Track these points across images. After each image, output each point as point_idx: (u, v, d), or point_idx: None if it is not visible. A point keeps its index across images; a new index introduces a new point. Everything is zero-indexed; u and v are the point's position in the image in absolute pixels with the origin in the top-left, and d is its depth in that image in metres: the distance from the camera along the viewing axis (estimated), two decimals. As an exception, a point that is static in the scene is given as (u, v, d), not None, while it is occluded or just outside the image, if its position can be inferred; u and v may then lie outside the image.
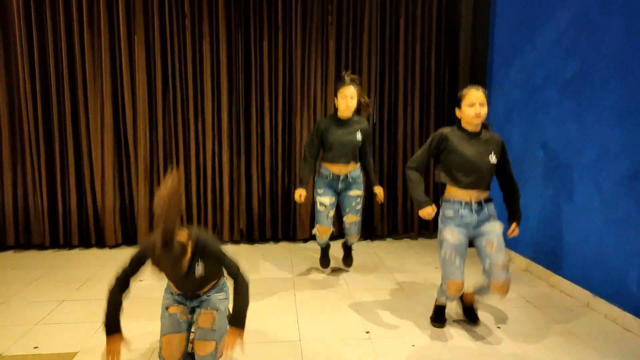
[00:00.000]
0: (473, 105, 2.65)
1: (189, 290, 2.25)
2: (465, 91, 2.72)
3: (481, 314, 3.10)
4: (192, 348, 2.22)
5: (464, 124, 2.77)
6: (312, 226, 4.98)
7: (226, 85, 4.68)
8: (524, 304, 3.33)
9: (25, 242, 4.69)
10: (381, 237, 5.16)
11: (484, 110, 2.67)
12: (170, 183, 1.87)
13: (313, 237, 5.05)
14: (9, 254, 4.58)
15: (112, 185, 4.65)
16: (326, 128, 3.58)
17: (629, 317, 2.91)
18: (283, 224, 5.01)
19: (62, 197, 4.63)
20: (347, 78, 3.50)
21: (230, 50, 4.68)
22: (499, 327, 2.94)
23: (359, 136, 3.57)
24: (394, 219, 5.17)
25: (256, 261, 4.30)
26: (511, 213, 2.87)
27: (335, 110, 3.62)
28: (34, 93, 4.47)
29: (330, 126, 3.57)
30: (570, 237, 3.48)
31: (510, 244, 4.33)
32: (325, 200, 3.65)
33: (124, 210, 4.78)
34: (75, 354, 2.56)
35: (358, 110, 3.66)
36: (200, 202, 4.84)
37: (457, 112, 2.80)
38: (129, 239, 4.83)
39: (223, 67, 4.64)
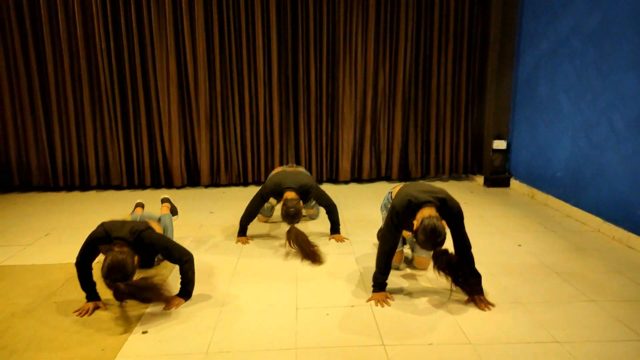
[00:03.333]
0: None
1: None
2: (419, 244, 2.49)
3: (506, 237, 3.65)
4: None
5: None
6: (352, 173, 5.57)
7: (275, 40, 5.16)
8: (542, 229, 3.86)
9: (105, 183, 5.41)
10: (415, 179, 5.70)
11: None
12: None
13: (354, 180, 5.65)
14: (92, 193, 5.32)
15: (178, 132, 5.28)
16: None
17: (632, 237, 3.42)
18: (328, 167, 5.59)
19: (135, 143, 5.30)
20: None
21: (279, 8, 5.13)
22: (519, 246, 3.49)
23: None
24: (427, 162, 5.68)
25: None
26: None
27: None
28: (108, 51, 5.05)
29: None
30: (587, 172, 3.95)
31: (533, 181, 4.82)
32: None
33: (187, 155, 5.43)
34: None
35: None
36: (254, 147, 5.44)
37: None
38: (192, 180, 5.51)
39: (273, 24, 5.11)
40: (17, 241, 3.70)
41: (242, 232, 3.68)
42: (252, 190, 3.87)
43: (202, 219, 4.24)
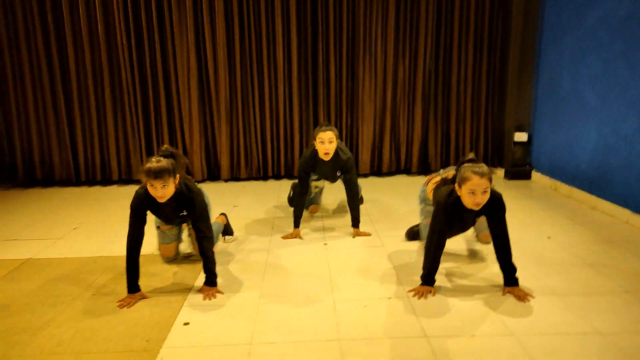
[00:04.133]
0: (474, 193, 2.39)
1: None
2: (467, 174, 2.39)
3: (534, 230, 3.65)
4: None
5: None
6: (372, 166, 5.57)
7: (295, 35, 5.15)
8: (569, 222, 3.85)
9: (126, 177, 5.44)
10: (435, 171, 5.68)
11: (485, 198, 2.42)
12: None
13: (374, 173, 5.66)
14: (114, 187, 5.36)
15: (198, 127, 5.29)
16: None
17: (663, 229, 3.41)
18: (347, 160, 5.59)
19: (156, 138, 5.33)
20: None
21: (299, 2, 5.12)
22: (549, 238, 3.49)
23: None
24: (447, 155, 5.67)
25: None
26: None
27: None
28: (129, 47, 5.07)
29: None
30: (614, 163, 3.94)
31: (555, 174, 4.81)
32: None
33: (207, 149, 5.45)
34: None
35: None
36: (274, 141, 5.45)
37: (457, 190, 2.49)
38: (212, 174, 5.53)
39: (292, 18, 5.10)
40: (48, 235, 3.74)
41: (297, 222, 3.57)
42: (272, 184, 3.90)
43: (227, 213, 4.25)
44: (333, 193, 4.72)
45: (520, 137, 5.34)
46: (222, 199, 4.69)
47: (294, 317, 2.42)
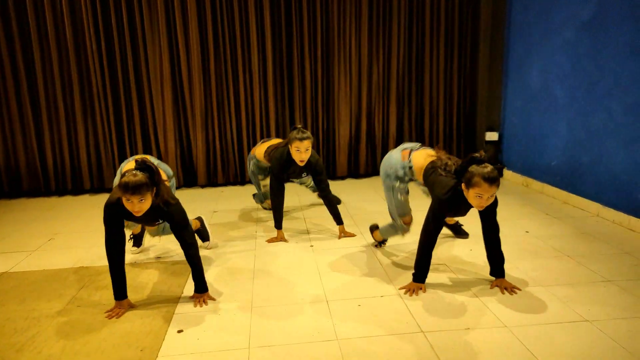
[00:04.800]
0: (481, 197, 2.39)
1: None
2: (477, 180, 2.35)
3: (511, 225, 3.76)
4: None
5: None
6: (349, 168, 5.61)
7: (270, 39, 5.14)
8: (544, 216, 3.98)
9: (98, 186, 5.29)
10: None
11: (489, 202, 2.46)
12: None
13: (351, 175, 5.70)
14: (86, 197, 5.19)
15: (173, 133, 5.20)
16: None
17: (633, 220, 3.57)
18: (325, 163, 5.61)
19: (129, 145, 5.20)
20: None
21: (273, 6, 5.12)
22: (527, 232, 3.59)
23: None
24: (422, 155, 5.77)
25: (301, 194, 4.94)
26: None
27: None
28: (99, 52, 4.94)
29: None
30: (585, 159, 4.10)
31: (527, 171, 4.97)
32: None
33: (183, 155, 5.36)
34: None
35: None
36: (251, 145, 5.40)
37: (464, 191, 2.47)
38: (188, 181, 5.44)
39: (267, 22, 5.09)
40: (22, 247, 3.59)
41: (279, 223, 3.57)
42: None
43: (207, 218, 4.19)
44: (311, 195, 4.72)
45: (491, 136, 5.49)
46: (200, 205, 4.62)
47: (288, 320, 2.40)
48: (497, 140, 5.48)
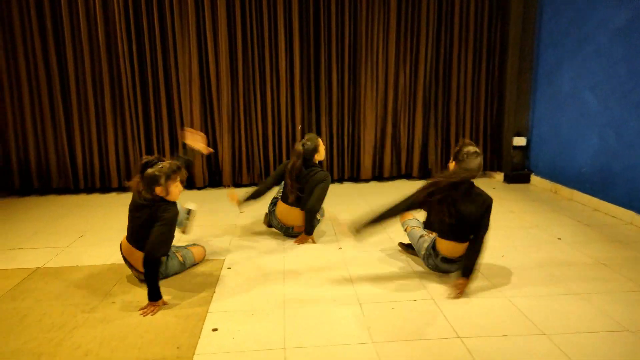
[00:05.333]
0: None
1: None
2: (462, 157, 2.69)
3: (542, 231, 3.70)
4: None
5: None
6: (374, 171, 5.60)
7: (298, 42, 5.16)
8: (575, 223, 3.92)
9: (126, 185, 5.34)
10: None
11: None
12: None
13: (375, 178, 5.68)
14: (113, 195, 5.26)
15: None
16: None
17: (669, 229, 3.50)
18: (349, 166, 5.60)
19: (157, 144, 5.26)
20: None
21: (302, 10, 5.14)
22: (559, 239, 3.54)
23: None
24: (447, 160, 5.73)
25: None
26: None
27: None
28: (130, 52, 5.01)
29: None
30: (617, 166, 4.02)
31: (555, 177, 4.89)
32: None
33: (209, 156, 5.39)
34: (223, 259, 3.24)
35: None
36: (276, 148, 5.43)
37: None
38: (214, 181, 5.47)
39: (295, 25, 5.12)
40: (54, 243, 3.64)
41: (248, 197, 3.66)
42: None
43: (233, 219, 4.22)
44: (342, 202, 4.73)
45: (519, 141, 5.42)
46: (226, 206, 4.64)
47: (322, 321, 2.40)
48: (524, 145, 5.42)
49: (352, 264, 3.12)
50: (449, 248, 2.78)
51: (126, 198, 5.05)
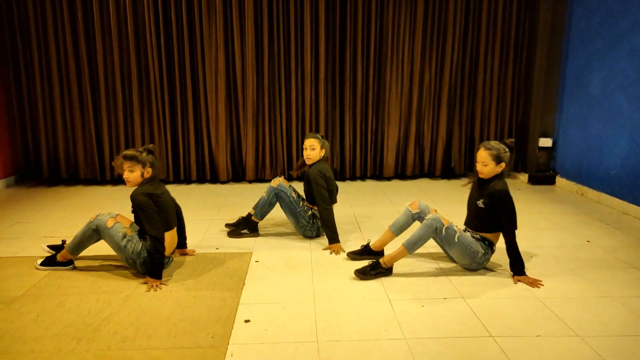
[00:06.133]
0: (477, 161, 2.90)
1: None
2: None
3: (571, 233, 3.67)
4: None
5: None
6: (396, 169, 5.58)
7: (323, 38, 5.17)
8: (604, 226, 3.87)
9: (150, 177, 5.41)
10: (458, 175, 5.72)
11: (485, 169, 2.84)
12: None
13: (397, 176, 5.66)
14: (138, 187, 5.32)
15: (225, 127, 5.29)
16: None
17: (702, 234, 3.43)
18: (372, 163, 5.60)
19: (182, 138, 5.31)
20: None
21: (328, 6, 5.14)
22: (588, 242, 3.50)
23: None
24: (470, 160, 5.70)
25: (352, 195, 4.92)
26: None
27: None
28: (158, 46, 5.07)
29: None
30: (649, 170, 3.97)
31: (582, 179, 4.83)
32: None
33: (233, 150, 5.44)
34: (250, 252, 3.27)
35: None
36: (299, 143, 5.45)
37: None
38: (237, 175, 5.51)
39: (321, 22, 5.12)
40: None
41: (336, 235, 3.37)
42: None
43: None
44: (365, 200, 4.73)
45: (545, 142, 5.37)
46: (249, 201, 4.67)
47: (353, 316, 2.41)
48: (550, 146, 5.36)
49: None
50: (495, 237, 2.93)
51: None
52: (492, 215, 2.83)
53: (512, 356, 2.06)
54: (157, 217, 2.78)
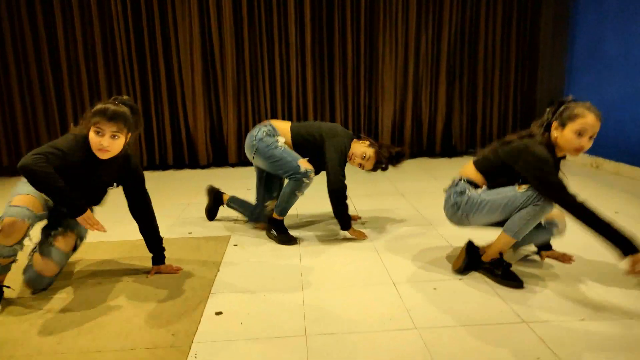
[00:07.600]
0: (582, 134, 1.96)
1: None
2: (580, 111, 1.95)
3: (598, 205, 3.23)
4: (30, 259, 2.10)
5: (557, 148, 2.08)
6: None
7: (309, 4, 4.70)
8: (629, 196, 3.45)
9: (123, 162, 4.91)
10: (459, 152, 5.27)
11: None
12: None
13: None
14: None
15: (203, 106, 4.80)
16: None
17: None
18: (365, 141, 5.14)
19: (156, 119, 4.82)
20: None
21: (313, -34, 4.67)
22: (616, 213, 3.07)
23: None
24: (473, 135, 5.26)
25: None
26: None
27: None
28: (125, 15, 4.57)
29: None
30: (677, 132, 3.54)
31: (596, 151, 4.41)
32: None
33: (213, 130, 4.95)
34: (229, 236, 2.80)
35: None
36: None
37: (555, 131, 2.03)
38: (218, 159, 5.03)
39: (306, -16, 4.65)
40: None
41: (348, 219, 2.65)
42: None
43: (242, 196, 3.77)
44: (369, 194, 4.29)
45: (553, 112, 4.93)
46: (233, 183, 4.21)
47: (352, 304, 1.95)
48: (558, 118, 4.93)
49: (378, 242, 2.67)
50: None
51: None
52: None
53: (552, 344, 1.61)
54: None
